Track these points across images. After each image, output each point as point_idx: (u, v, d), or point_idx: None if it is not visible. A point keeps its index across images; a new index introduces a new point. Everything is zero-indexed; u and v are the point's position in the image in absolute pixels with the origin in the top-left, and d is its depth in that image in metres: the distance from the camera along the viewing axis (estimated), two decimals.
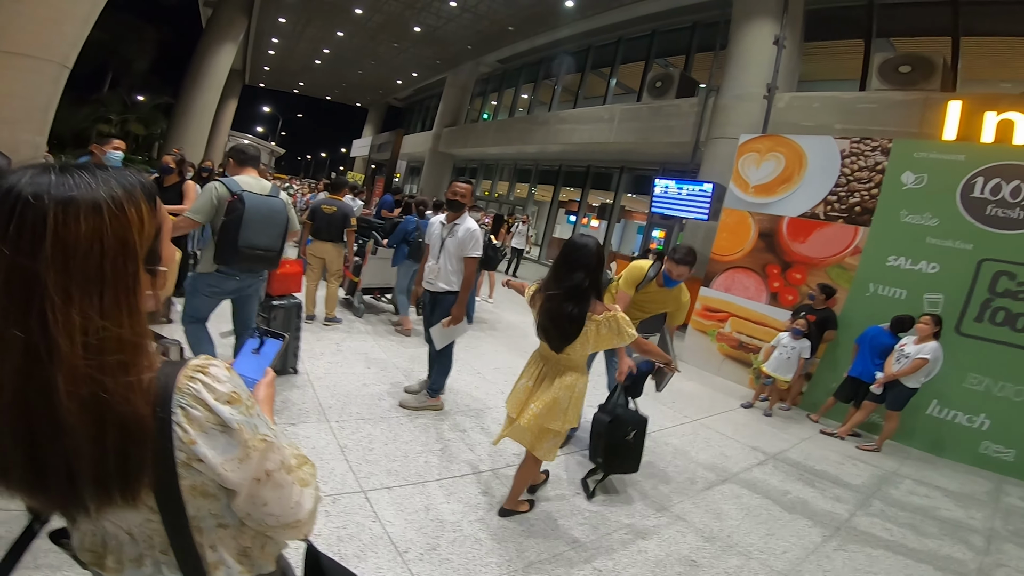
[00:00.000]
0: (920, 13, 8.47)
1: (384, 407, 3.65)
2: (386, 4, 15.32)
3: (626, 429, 2.99)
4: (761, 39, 8.39)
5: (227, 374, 0.72)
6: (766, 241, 6.37)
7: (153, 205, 0.68)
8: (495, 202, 18.74)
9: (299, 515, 0.79)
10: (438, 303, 3.66)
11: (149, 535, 0.73)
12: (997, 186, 4.93)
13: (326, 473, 2.64)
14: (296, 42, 21.72)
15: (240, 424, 0.70)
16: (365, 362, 4.50)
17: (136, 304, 0.65)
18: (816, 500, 3.55)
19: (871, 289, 5.52)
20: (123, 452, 0.63)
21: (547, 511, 2.78)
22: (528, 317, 7.73)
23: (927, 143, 5.68)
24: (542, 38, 15.04)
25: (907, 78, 7.25)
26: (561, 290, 2.33)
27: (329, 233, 5.27)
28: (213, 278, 2.95)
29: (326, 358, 4.40)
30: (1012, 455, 4.71)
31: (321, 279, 5.48)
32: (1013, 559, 3.17)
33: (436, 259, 3.61)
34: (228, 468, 0.69)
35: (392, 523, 2.37)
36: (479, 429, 3.64)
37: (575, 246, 2.39)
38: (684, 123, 9.79)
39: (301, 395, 3.56)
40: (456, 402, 4.00)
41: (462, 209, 3.61)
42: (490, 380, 4.68)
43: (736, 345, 6.49)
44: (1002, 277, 4.84)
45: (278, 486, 0.75)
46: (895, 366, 4.78)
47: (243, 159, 3.08)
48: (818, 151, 6.06)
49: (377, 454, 2.97)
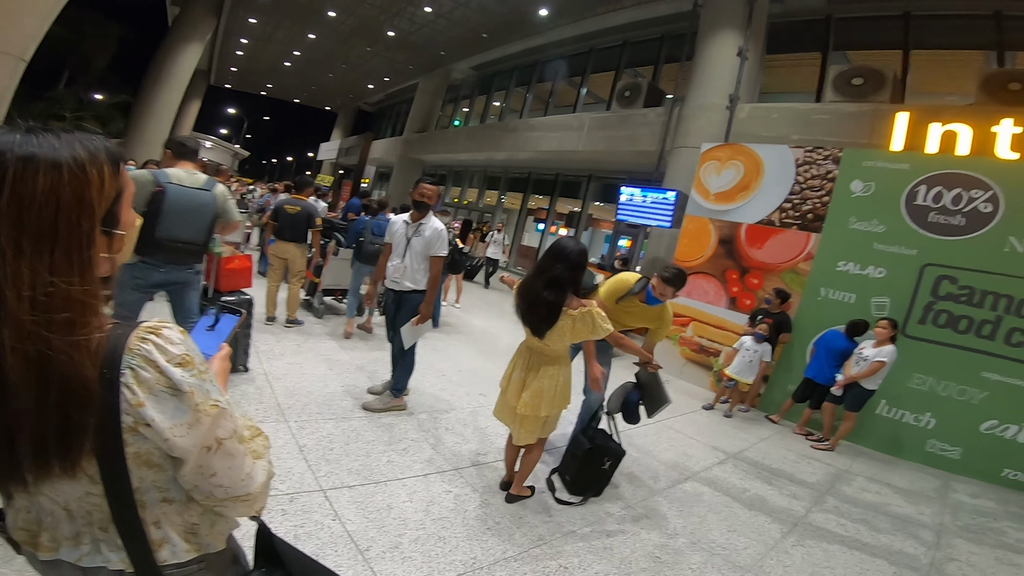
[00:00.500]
0: (874, 27, 8.84)
1: (345, 407, 3.57)
2: (360, 7, 15.18)
3: (603, 459, 3.06)
4: (725, 51, 8.65)
5: (181, 336, 0.71)
6: (725, 247, 6.57)
7: (116, 169, 0.68)
8: (464, 209, 18.70)
9: (250, 488, 0.77)
10: (404, 302, 3.62)
11: (88, 510, 0.71)
12: (939, 194, 5.23)
13: (283, 472, 2.56)
14: (266, 43, 21.27)
15: (192, 387, 0.68)
16: (327, 363, 4.39)
17: (88, 263, 0.64)
18: (774, 497, 3.65)
19: (822, 293, 5.75)
20: (65, 415, 0.62)
21: (512, 509, 2.77)
22: (495, 322, 7.76)
23: (875, 152, 5.98)
24: (515, 46, 15.14)
25: (859, 90, 7.56)
26: (541, 278, 2.49)
27: (292, 233, 5.15)
28: (136, 269, 2.85)
29: (286, 359, 4.28)
30: (957, 453, 4.96)
31: (283, 280, 5.32)
32: (963, 553, 3.31)
33: (401, 258, 3.57)
34: (177, 433, 0.67)
35: (352, 521, 2.31)
36: (444, 429, 3.60)
37: (560, 244, 2.56)
38: (650, 132, 9.99)
39: (258, 395, 3.45)
40: (420, 403, 3.95)
41: (428, 210, 3.61)
42: (455, 382, 4.64)
43: (697, 349, 6.64)
44: (944, 281, 5.12)
45: (229, 455, 0.73)
46: (854, 368, 4.98)
47: (181, 151, 3.03)
48: (774, 160, 6.30)
49: (337, 453, 2.90)
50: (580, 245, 2.58)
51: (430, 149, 19.00)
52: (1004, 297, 4.82)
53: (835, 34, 9.05)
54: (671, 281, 3.16)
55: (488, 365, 5.40)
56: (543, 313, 2.48)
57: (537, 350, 2.65)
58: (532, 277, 2.56)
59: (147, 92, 16.10)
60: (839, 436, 5.06)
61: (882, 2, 8.50)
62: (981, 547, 3.43)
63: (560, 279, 2.45)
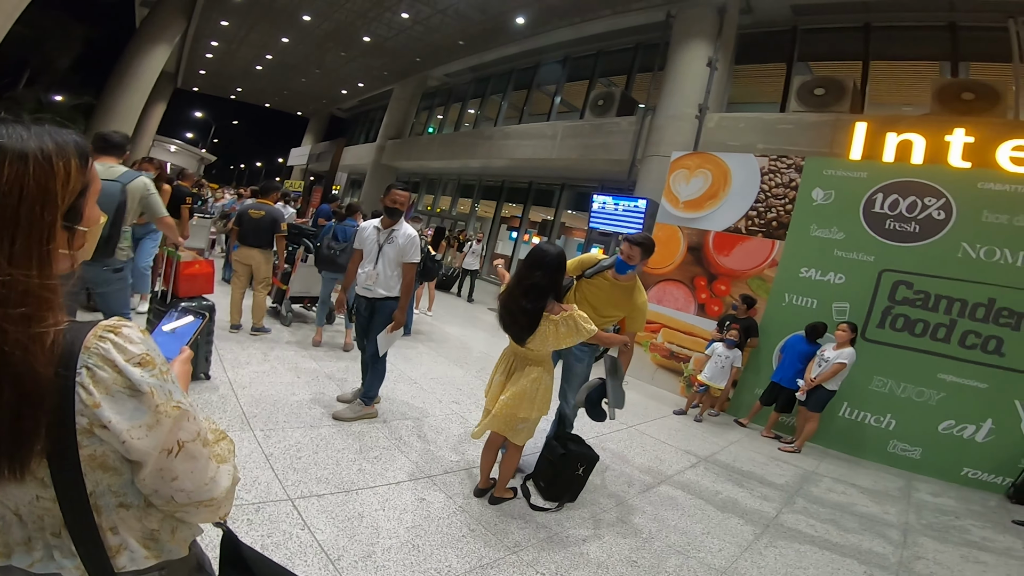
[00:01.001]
0: (836, 38, 9.16)
1: (314, 415, 3.47)
2: (336, 12, 15.01)
3: (577, 465, 3.05)
4: (696, 61, 8.86)
5: (141, 336, 0.69)
6: (694, 254, 6.70)
7: (84, 163, 0.67)
8: (437, 216, 18.62)
9: (214, 492, 0.75)
10: (377, 309, 3.56)
11: (39, 515, 0.68)
12: (895, 202, 5.46)
13: (249, 482, 2.47)
14: (238, 46, 20.81)
15: (152, 388, 0.67)
16: (294, 371, 4.28)
17: (48, 256, 0.63)
18: (746, 499, 3.71)
19: (786, 299, 5.92)
20: (15, 413, 0.60)
21: (487, 516, 2.74)
22: (467, 330, 7.72)
23: (835, 161, 6.22)
24: (491, 54, 15.18)
25: (821, 100, 7.81)
26: (521, 286, 2.54)
27: (256, 239, 4.99)
28: None
29: (252, 367, 4.14)
30: (918, 453, 5.14)
31: (248, 287, 5.16)
32: (929, 552, 3.41)
33: (373, 265, 3.51)
34: (135, 435, 0.65)
35: (322, 531, 2.24)
36: (416, 436, 3.54)
37: (539, 250, 2.60)
38: (623, 141, 10.15)
39: (222, 403, 3.33)
40: (392, 410, 3.88)
41: (400, 216, 3.57)
42: (427, 389, 4.57)
43: (668, 355, 6.73)
44: (900, 286, 5.33)
45: (191, 458, 0.72)
46: (816, 370, 5.12)
47: (102, 146, 2.95)
48: (741, 168, 6.49)
49: (306, 462, 2.81)
50: (558, 248, 2.63)
51: (404, 156, 18.88)
52: (958, 301, 5.05)
53: (800, 45, 9.33)
54: (637, 241, 3.04)
55: (461, 373, 5.35)
56: (524, 322, 2.53)
57: (521, 354, 2.71)
58: (512, 286, 2.61)
59: (110, 94, 15.65)
60: (804, 438, 5.19)
61: (844, 14, 8.80)
62: (946, 545, 3.55)
63: (539, 286, 2.50)
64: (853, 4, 8.50)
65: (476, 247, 10.85)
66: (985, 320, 4.94)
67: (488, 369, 5.79)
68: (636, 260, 3.05)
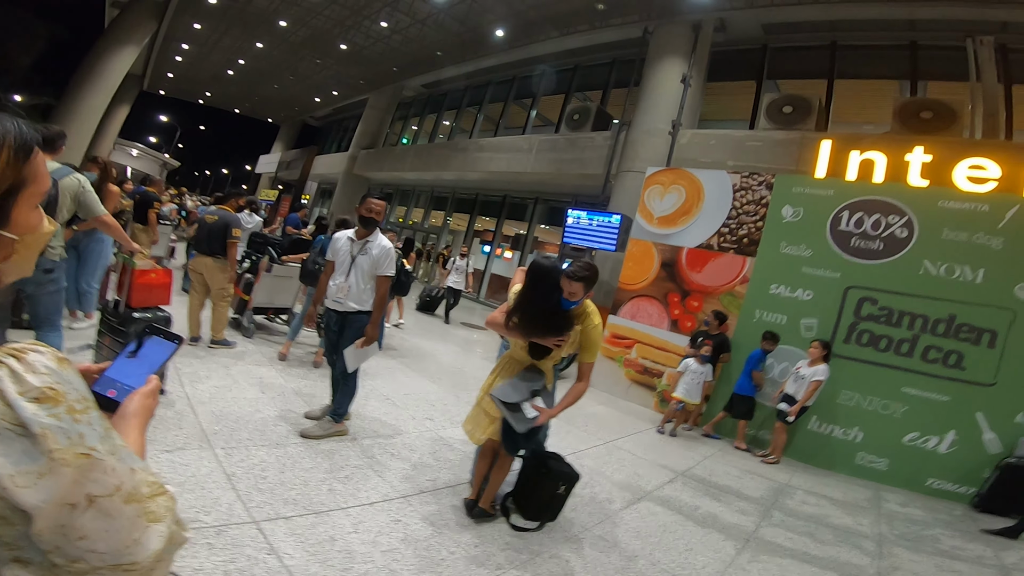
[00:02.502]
0: (804, 56, 9.49)
1: (280, 432, 3.29)
2: (314, 19, 14.82)
3: (558, 484, 2.97)
4: (671, 78, 9.06)
5: (51, 365, 0.58)
6: (667, 271, 6.76)
7: (20, 158, 0.58)
8: (410, 229, 18.42)
9: (137, 556, 0.62)
10: (348, 323, 3.44)
11: None
12: (860, 219, 5.64)
13: (209, 503, 2.29)
14: (209, 50, 20.32)
15: (46, 429, 0.55)
16: (259, 386, 4.07)
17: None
18: (725, 514, 3.70)
19: (757, 315, 6.02)
20: None
21: (467, 537, 2.63)
22: (440, 344, 7.55)
23: (803, 178, 6.40)
24: (468, 65, 15.20)
25: (789, 118, 8.02)
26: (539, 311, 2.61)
27: (208, 245, 4.69)
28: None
29: (212, 381, 3.92)
30: (884, 464, 5.26)
31: (207, 297, 4.88)
32: (905, 562, 3.46)
33: (345, 277, 3.38)
34: (20, 483, 0.54)
35: (292, 556, 2.09)
36: (390, 455, 3.39)
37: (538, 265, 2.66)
38: (597, 155, 10.26)
39: (178, 420, 3.11)
40: (364, 428, 3.73)
41: (375, 227, 3.46)
42: (400, 406, 4.42)
43: (641, 370, 6.74)
44: (865, 303, 5.49)
45: (105, 516, 0.59)
46: (791, 386, 5.25)
47: None
48: (714, 185, 6.61)
49: (272, 482, 2.64)
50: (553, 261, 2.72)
51: (377, 167, 18.64)
52: (920, 317, 5.23)
53: (769, 63, 9.62)
54: (575, 275, 2.61)
55: (434, 388, 5.21)
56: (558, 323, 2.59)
57: (519, 359, 2.74)
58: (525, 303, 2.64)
59: (71, 95, 15.07)
60: (781, 448, 5.28)
61: (812, 32, 9.11)
62: (920, 555, 3.61)
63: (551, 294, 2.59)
64: (821, 23, 8.81)
65: (461, 263, 9.81)
66: (946, 335, 5.12)
67: (461, 383, 5.71)
68: (579, 295, 2.67)
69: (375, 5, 13.12)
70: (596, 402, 6.13)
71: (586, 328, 2.68)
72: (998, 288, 5.00)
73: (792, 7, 8.72)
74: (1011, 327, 4.92)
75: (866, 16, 8.30)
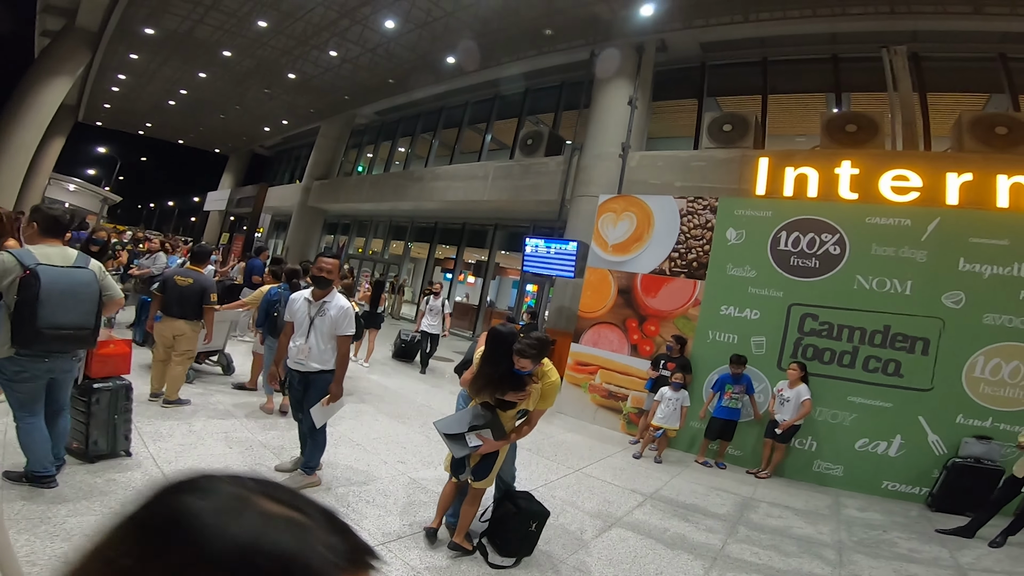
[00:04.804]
0: (739, 73, 9.81)
1: None
2: (259, 49, 14.56)
3: (529, 522, 3.06)
4: (618, 99, 9.26)
5: None
6: (624, 297, 6.97)
7: None
8: (369, 260, 18.18)
9: None
10: (312, 383, 3.42)
11: None
12: (796, 239, 5.99)
13: None
14: (147, 81, 19.55)
15: None
16: (225, 441, 3.98)
17: None
18: (692, 533, 3.83)
19: (710, 336, 6.29)
20: None
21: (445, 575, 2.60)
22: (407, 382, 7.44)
23: (744, 200, 6.72)
24: (421, 92, 15.19)
25: (728, 136, 8.19)
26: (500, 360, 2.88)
27: (182, 309, 4.57)
28: (18, 363, 2.56)
29: (176, 439, 3.81)
30: (840, 470, 5.54)
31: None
32: (864, 569, 3.63)
33: (305, 339, 3.37)
34: None
35: None
36: (364, 502, 3.38)
37: (497, 331, 2.97)
38: (551, 181, 10.41)
39: (147, 482, 2.98)
40: (336, 476, 3.70)
41: (329, 286, 3.45)
42: (371, 451, 4.39)
43: (606, 395, 6.89)
44: (807, 319, 5.83)
45: None
46: (778, 407, 5.52)
47: (52, 228, 2.75)
48: (662, 210, 6.87)
49: None
50: (510, 328, 3.03)
51: (332, 198, 18.28)
52: (857, 329, 5.59)
53: (708, 81, 9.94)
54: (523, 352, 2.79)
55: (404, 429, 5.18)
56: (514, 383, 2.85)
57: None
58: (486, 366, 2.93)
59: (1, 129, 14.27)
60: (775, 464, 5.62)
61: (744, 49, 9.48)
62: (879, 560, 3.80)
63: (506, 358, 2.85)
64: (752, 40, 9.17)
65: (436, 304, 8.32)
66: (883, 345, 5.48)
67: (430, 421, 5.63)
68: (529, 368, 2.84)
69: (323, 35, 13.04)
70: (565, 429, 6.23)
71: (543, 385, 2.94)
72: (926, 298, 5.39)
73: (725, 26, 9.04)
74: (942, 334, 5.30)
75: (792, 31, 8.64)
